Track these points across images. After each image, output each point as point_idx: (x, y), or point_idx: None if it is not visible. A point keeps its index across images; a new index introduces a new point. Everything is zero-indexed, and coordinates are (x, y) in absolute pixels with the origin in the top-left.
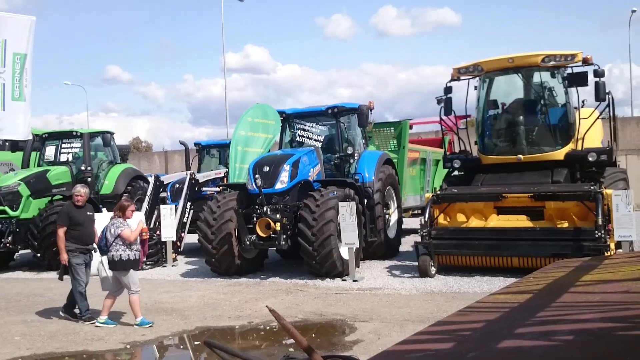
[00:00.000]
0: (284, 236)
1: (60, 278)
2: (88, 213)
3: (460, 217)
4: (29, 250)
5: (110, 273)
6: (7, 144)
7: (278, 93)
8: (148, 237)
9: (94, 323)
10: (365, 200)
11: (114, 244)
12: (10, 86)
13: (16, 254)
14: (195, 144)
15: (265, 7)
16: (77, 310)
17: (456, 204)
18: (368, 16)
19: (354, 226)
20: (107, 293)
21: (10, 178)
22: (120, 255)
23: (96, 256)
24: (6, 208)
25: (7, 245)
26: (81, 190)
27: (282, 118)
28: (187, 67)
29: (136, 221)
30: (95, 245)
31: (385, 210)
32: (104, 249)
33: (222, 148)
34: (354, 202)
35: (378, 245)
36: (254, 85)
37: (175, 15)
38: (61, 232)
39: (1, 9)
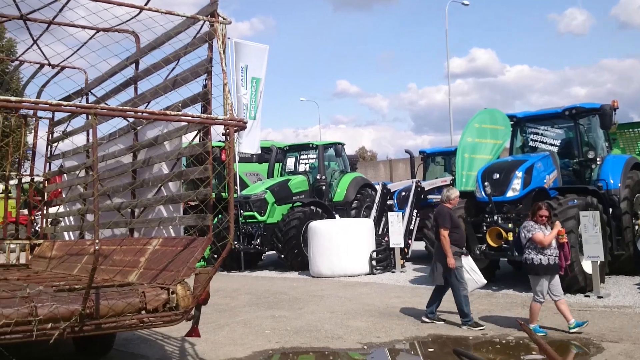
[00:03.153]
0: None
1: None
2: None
3: None
4: (274, 252)
5: (472, 275)
6: (254, 156)
7: (505, 96)
8: (566, 240)
9: (482, 328)
10: (611, 210)
11: (526, 246)
12: (248, 106)
13: (263, 254)
14: (420, 152)
15: (491, 8)
16: (427, 314)
17: None
18: (607, 8)
19: (598, 238)
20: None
21: (258, 187)
22: (532, 258)
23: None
24: (255, 213)
25: (257, 246)
26: (457, 193)
27: (512, 122)
28: (410, 76)
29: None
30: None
31: (634, 221)
32: (519, 250)
33: (448, 155)
34: (598, 212)
35: (626, 259)
36: (479, 90)
37: (398, 27)
38: (447, 233)
39: (246, 36)
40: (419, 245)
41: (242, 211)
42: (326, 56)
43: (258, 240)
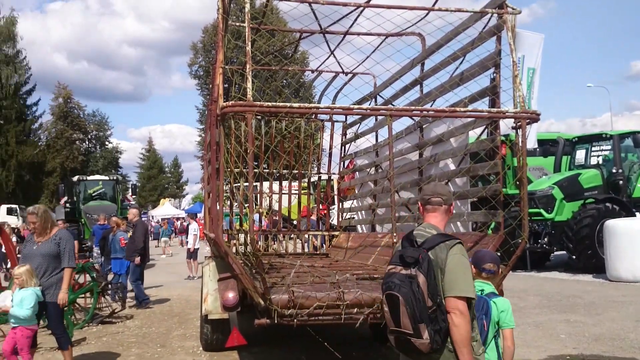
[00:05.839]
0: None
1: None
2: None
3: None
4: (563, 252)
5: None
6: (538, 150)
7: None
8: None
9: None
10: None
11: None
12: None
13: (551, 254)
14: None
15: None
16: None
17: None
18: None
19: None
20: None
21: (544, 182)
22: None
23: None
24: (541, 210)
25: (544, 245)
26: None
27: None
28: None
29: None
30: None
31: None
32: None
33: None
34: None
35: None
36: None
37: None
38: None
39: (524, 24)
40: None
41: None
42: (618, 36)
43: (545, 239)
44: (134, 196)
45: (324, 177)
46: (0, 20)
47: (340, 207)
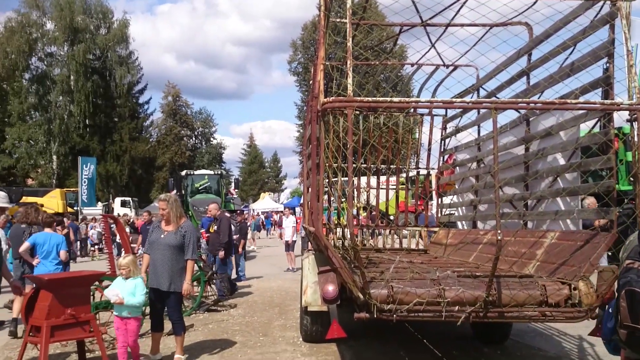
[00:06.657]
0: None
1: None
2: None
3: None
4: None
5: None
6: None
7: None
8: None
9: None
10: None
11: None
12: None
13: None
14: None
15: None
16: None
17: None
18: None
19: None
20: None
21: None
22: None
23: None
24: None
25: None
26: None
27: None
28: None
29: None
30: None
31: None
32: None
33: None
34: None
35: None
36: None
37: None
38: None
39: (639, 9)
40: None
41: None
42: None
43: None
44: (236, 190)
45: (423, 172)
46: (114, 23)
47: (440, 202)
